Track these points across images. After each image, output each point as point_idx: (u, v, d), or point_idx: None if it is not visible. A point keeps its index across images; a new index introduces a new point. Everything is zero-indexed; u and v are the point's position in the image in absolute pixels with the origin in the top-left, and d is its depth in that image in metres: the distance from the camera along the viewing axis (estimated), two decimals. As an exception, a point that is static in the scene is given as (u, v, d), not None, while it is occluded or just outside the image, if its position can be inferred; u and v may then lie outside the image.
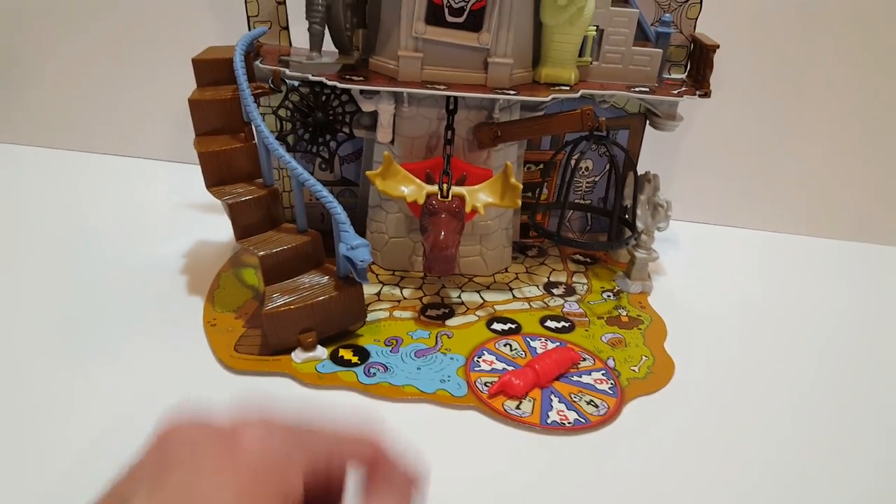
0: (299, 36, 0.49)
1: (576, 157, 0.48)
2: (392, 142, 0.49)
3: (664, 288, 0.54)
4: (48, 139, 0.71)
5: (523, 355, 0.44)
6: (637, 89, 0.47)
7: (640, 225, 0.51)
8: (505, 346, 0.45)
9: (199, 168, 0.44)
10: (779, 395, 0.42)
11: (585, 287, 0.53)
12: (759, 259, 0.60)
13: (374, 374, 0.41)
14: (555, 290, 0.52)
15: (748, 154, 0.64)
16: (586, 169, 0.55)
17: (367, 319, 0.46)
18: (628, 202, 0.52)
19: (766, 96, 0.62)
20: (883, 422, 0.41)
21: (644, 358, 0.45)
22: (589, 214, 0.58)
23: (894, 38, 0.58)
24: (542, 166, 0.54)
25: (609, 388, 0.42)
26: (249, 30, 0.49)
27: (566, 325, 0.48)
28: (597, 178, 0.55)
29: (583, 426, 0.38)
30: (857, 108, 0.61)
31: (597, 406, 0.40)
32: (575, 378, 0.42)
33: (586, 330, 0.47)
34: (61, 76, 0.70)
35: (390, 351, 0.43)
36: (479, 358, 0.43)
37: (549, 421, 0.38)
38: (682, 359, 0.45)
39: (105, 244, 0.54)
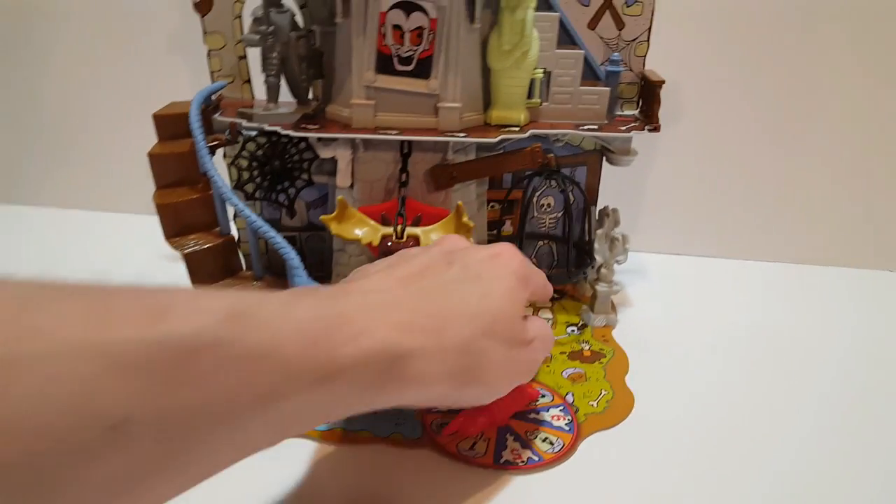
0: (262, 88, 0.51)
1: (532, 193, 0.49)
2: (352, 186, 0.50)
3: (630, 320, 0.54)
4: (8, 196, 0.74)
5: (481, 394, 0.44)
6: (586, 127, 0.49)
7: (599, 258, 0.51)
8: (464, 384, 0.45)
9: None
10: (739, 427, 0.42)
11: (551, 321, 0.53)
12: (726, 288, 0.60)
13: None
14: (519, 327, 0.52)
15: (714, 183, 0.65)
16: (548, 205, 0.55)
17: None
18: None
19: (729, 125, 0.63)
20: (850, 460, 0.40)
21: (603, 392, 0.45)
22: (555, 250, 0.58)
23: (854, 65, 0.59)
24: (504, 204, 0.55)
25: (565, 425, 0.41)
26: (212, 83, 0.51)
27: (528, 361, 0.48)
28: (559, 214, 0.56)
29: (535, 464, 0.38)
30: (819, 135, 0.62)
31: (552, 443, 0.40)
32: (532, 415, 0.42)
33: (547, 365, 0.47)
34: (29, 134, 0.72)
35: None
36: (436, 398, 0.43)
37: (502, 461, 0.38)
38: (642, 392, 0.45)
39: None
